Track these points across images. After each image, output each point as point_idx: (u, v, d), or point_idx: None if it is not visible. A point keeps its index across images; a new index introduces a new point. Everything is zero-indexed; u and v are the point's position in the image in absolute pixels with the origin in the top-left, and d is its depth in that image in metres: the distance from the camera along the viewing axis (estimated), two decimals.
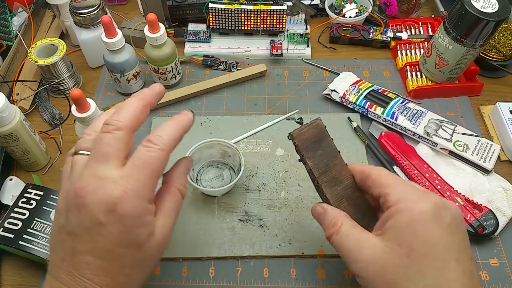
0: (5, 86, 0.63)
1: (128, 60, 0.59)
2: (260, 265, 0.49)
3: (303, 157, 0.41)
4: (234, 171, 0.55)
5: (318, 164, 0.41)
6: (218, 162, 0.56)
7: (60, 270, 0.32)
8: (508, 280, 0.48)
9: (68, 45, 0.71)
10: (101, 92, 0.66)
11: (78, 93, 0.46)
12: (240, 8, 0.66)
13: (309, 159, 0.41)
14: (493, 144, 0.56)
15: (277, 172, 0.55)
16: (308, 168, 0.41)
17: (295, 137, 0.41)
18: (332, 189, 0.41)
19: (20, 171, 0.57)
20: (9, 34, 0.70)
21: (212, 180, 0.54)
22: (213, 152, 0.55)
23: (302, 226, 0.51)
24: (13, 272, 0.49)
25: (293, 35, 0.70)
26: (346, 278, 0.48)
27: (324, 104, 0.64)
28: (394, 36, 0.69)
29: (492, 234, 0.49)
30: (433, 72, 0.63)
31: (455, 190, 0.52)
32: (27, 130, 0.52)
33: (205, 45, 0.70)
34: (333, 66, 0.68)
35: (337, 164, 0.42)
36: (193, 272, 0.48)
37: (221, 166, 0.56)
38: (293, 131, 0.41)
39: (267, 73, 0.67)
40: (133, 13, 0.77)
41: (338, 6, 0.73)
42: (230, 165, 0.55)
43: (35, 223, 0.46)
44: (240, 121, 0.61)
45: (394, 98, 0.60)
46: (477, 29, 0.54)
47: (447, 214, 0.34)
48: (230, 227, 0.51)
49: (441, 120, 0.58)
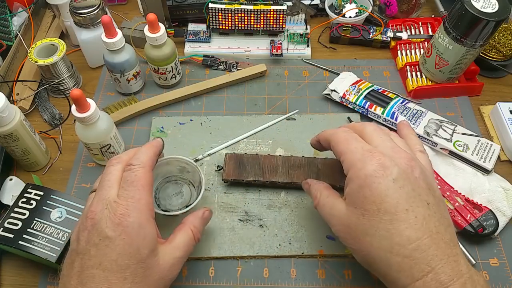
0: (5, 86, 0.63)
1: (128, 60, 0.59)
2: (260, 265, 0.49)
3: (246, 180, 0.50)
4: (194, 186, 0.52)
5: (258, 173, 0.51)
6: (177, 178, 0.53)
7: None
8: (508, 280, 0.48)
9: (68, 45, 0.71)
10: (101, 92, 0.66)
11: (78, 93, 0.46)
12: (240, 8, 0.66)
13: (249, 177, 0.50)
14: (493, 144, 0.56)
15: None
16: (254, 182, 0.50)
17: (228, 178, 0.50)
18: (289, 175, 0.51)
19: (20, 171, 0.57)
20: (9, 34, 0.70)
21: (172, 197, 0.52)
22: (171, 168, 0.52)
23: (302, 226, 0.51)
24: (13, 272, 0.49)
25: (293, 35, 0.70)
26: (346, 278, 0.48)
27: (324, 104, 0.64)
28: (394, 36, 0.69)
29: (492, 234, 0.49)
30: (433, 72, 0.63)
31: (455, 190, 0.52)
32: (27, 130, 0.52)
33: (205, 45, 0.70)
34: (333, 66, 0.68)
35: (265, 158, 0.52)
36: (193, 272, 0.48)
37: (180, 181, 0.53)
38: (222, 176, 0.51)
39: (267, 73, 0.67)
40: (133, 13, 0.77)
41: (338, 6, 0.73)
42: (189, 180, 0.53)
43: (35, 223, 0.46)
44: (240, 121, 0.61)
45: (394, 98, 0.60)
46: (477, 29, 0.54)
47: (392, 171, 0.37)
48: (230, 227, 0.51)
49: (441, 120, 0.58)
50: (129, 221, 0.36)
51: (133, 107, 0.61)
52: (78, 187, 0.55)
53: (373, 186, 0.37)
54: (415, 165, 0.38)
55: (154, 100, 0.62)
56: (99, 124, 0.50)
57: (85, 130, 0.50)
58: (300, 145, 0.58)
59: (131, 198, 0.37)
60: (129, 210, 0.36)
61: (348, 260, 0.49)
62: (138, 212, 0.37)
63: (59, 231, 0.46)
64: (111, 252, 0.35)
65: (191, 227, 0.42)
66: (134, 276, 0.36)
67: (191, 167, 0.51)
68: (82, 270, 0.36)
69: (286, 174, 0.52)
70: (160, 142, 0.44)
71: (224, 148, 0.58)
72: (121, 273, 0.35)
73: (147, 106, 0.62)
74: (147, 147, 0.42)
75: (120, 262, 0.35)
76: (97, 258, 0.35)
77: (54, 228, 0.46)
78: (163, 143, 0.45)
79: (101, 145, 0.52)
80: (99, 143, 0.52)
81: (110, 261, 0.35)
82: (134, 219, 0.36)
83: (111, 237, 0.36)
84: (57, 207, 0.48)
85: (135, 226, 0.36)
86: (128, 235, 0.36)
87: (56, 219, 0.47)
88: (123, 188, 0.38)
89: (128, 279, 0.36)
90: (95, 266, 0.35)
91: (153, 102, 0.62)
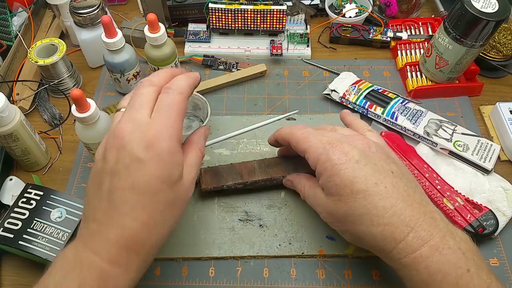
0: (5, 86, 0.63)
1: (128, 60, 0.59)
2: (260, 265, 0.49)
3: (226, 185, 0.50)
4: (203, 122, 0.57)
5: (236, 178, 0.51)
6: (190, 114, 0.60)
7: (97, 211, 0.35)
8: (508, 280, 0.48)
9: (68, 45, 0.71)
10: (101, 92, 0.66)
11: (78, 93, 0.46)
12: (240, 8, 0.66)
13: (228, 182, 0.50)
14: (493, 144, 0.56)
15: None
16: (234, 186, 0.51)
17: (207, 187, 0.50)
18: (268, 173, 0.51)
19: (20, 171, 0.57)
20: (9, 34, 0.70)
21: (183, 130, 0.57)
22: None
23: (302, 226, 0.51)
24: (13, 272, 0.49)
25: (293, 35, 0.70)
26: (346, 278, 0.48)
27: (324, 104, 0.64)
28: (394, 36, 0.69)
29: (492, 234, 0.49)
30: (433, 72, 0.63)
31: (455, 190, 0.52)
32: (27, 130, 0.52)
33: (205, 45, 0.70)
34: (333, 66, 0.68)
35: (240, 164, 0.52)
36: (193, 272, 0.48)
37: (192, 118, 0.60)
38: (201, 187, 0.51)
39: (267, 73, 0.67)
40: (133, 13, 0.77)
41: (338, 6, 0.73)
42: (200, 117, 0.59)
43: (35, 223, 0.46)
44: (240, 121, 0.61)
45: (394, 98, 0.60)
46: (477, 29, 0.54)
47: (353, 154, 0.40)
48: (230, 227, 0.51)
49: (441, 120, 0.58)
50: (161, 146, 0.35)
51: None
52: (78, 187, 0.55)
53: (341, 173, 0.39)
54: (369, 142, 0.42)
55: None
56: (99, 124, 0.50)
57: (85, 130, 0.50)
58: None
59: (165, 122, 0.36)
60: (161, 134, 0.36)
61: (348, 260, 0.49)
62: (169, 137, 0.36)
63: (59, 231, 0.46)
64: (143, 175, 0.35)
65: (199, 146, 0.42)
66: (166, 198, 0.36)
67: (202, 103, 0.57)
68: (113, 192, 0.35)
69: (264, 173, 0.51)
70: (198, 76, 0.43)
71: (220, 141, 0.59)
72: (154, 196, 0.35)
73: None
74: (186, 75, 0.41)
75: (153, 185, 0.35)
76: (129, 180, 0.34)
77: (54, 228, 0.46)
78: (200, 78, 0.43)
79: None
80: (99, 143, 0.52)
81: (143, 184, 0.34)
82: (166, 143, 0.36)
83: (142, 159, 0.34)
84: (57, 207, 0.48)
85: (167, 151, 0.35)
86: (160, 159, 0.35)
87: (56, 219, 0.47)
88: (158, 110, 0.37)
89: (161, 201, 0.36)
90: (127, 188, 0.34)
91: None
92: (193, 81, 0.41)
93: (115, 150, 0.35)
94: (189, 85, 0.40)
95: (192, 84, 0.41)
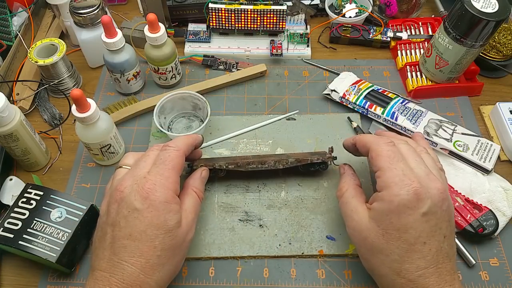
0: (5, 86, 0.63)
1: (128, 60, 0.59)
2: (260, 265, 0.49)
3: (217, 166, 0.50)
4: (203, 122, 0.56)
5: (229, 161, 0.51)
6: (190, 114, 0.60)
7: (102, 261, 0.38)
8: (508, 280, 0.48)
9: (68, 45, 0.71)
10: (101, 92, 0.66)
11: (78, 93, 0.46)
12: (240, 8, 0.66)
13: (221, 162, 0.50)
14: (493, 144, 0.56)
15: (277, 172, 0.55)
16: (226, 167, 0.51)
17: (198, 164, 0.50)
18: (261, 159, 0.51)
19: (20, 171, 0.57)
20: (9, 34, 0.70)
21: (182, 130, 0.59)
22: (185, 104, 0.59)
23: (302, 226, 0.51)
24: (13, 272, 0.49)
25: (293, 35, 0.70)
26: (346, 278, 0.48)
27: (324, 104, 0.64)
28: (394, 36, 0.69)
29: (492, 234, 0.49)
30: (433, 72, 0.63)
31: (455, 190, 0.52)
32: (27, 130, 0.52)
33: (205, 45, 0.70)
34: (333, 66, 0.68)
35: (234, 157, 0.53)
36: (193, 272, 0.48)
37: (192, 118, 0.60)
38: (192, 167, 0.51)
39: (267, 73, 0.67)
40: (133, 13, 0.77)
41: (338, 6, 0.73)
42: (200, 117, 0.60)
43: (35, 223, 0.46)
44: (240, 121, 0.61)
45: (394, 98, 0.60)
46: (477, 29, 0.54)
47: (425, 203, 0.38)
48: (230, 227, 0.51)
49: (441, 120, 0.58)
50: (156, 196, 0.39)
51: (133, 107, 0.61)
52: (78, 187, 0.55)
53: (402, 216, 0.38)
54: (446, 197, 0.40)
55: (154, 100, 0.62)
56: (99, 124, 0.50)
57: (85, 130, 0.50)
58: (300, 145, 0.58)
59: (160, 175, 0.40)
60: (156, 186, 0.39)
61: (348, 260, 0.49)
62: (164, 188, 0.39)
63: (59, 231, 0.46)
64: (140, 224, 0.38)
65: (194, 189, 0.45)
66: (163, 244, 0.39)
67: (202, 103, 0.58)
68: (114, 241, 0.38)
69: (258, 160, 0.51)
70: (200, 137, 0.48)
71: (220, 141, 0.58)
72: (150, 242, 0.38)
73: (147, 106, 0.61)
74: (186, 136, 0.46)
75: (149, 232, 0.38)
76: (127, 229, 0.38)
77: (54, 228, 0.46)
78: (202, 139, 0.49)
79: (101, 145, 0.52)
80: (99, 143, 0.52)
81: (140, 232, 0.38)
82: (161, 194, 0.39)
83: (139, 209, 0.38)
84: (57, 207, 0.48)
85: (162, 201, 0.39)
86: (155, 209, 0.38)
87: (56, 219, 0.47)
88: (155, 165, 0.41)
89: (158, 247, 0.38)
90: (126, 236, 0.38)
91: (153, 102, 0.62)
92: (192, 140, 0.46)
93: (116, 203, 0.40)
94: (186, 143, 0.45)
95: (190, 142, 0.45)
